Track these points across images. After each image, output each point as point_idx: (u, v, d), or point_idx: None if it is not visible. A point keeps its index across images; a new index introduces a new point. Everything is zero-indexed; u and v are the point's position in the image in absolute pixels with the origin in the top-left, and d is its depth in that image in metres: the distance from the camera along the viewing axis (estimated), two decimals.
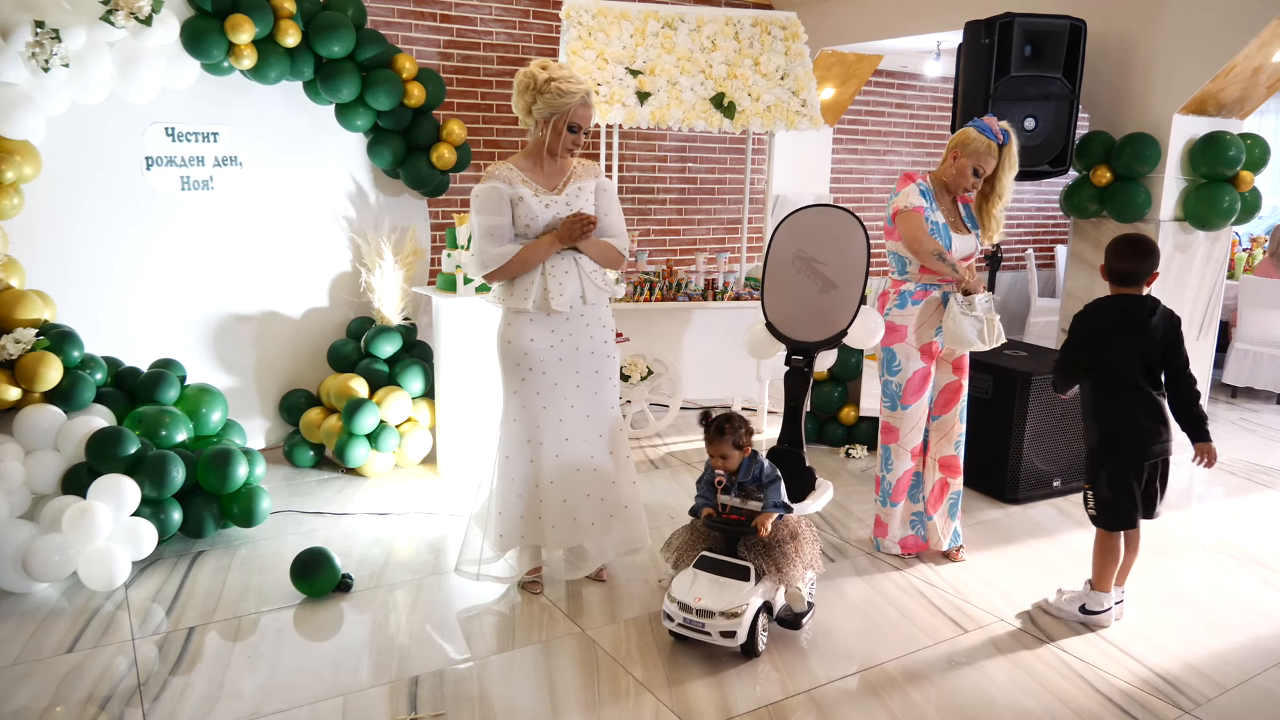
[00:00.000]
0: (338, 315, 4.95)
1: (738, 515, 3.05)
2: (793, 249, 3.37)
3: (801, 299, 3.38)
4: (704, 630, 2.87)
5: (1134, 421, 3.06)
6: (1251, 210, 4.83)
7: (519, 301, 3.17)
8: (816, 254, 3.35)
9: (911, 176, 3.48)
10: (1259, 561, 3.81)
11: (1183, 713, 2.71)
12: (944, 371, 3.63)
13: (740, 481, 3.04)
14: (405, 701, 2.70)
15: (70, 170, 4.17)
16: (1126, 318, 3.03)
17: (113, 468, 3.44)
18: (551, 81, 3.05)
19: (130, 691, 2.72)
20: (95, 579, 3.28)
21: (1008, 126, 3.36)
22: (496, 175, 3.15)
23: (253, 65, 4.25)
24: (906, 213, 3.40)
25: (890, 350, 3.55)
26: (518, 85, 3.14)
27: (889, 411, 3.62)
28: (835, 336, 3.35)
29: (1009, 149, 3.36)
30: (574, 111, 3.09)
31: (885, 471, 3.68)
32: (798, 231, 3.40)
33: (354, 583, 3.43)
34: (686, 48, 5.12)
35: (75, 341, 3.70)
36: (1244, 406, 6.37)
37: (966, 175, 3.38)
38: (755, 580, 2.95)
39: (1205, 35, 4.51)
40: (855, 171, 7.79)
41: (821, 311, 3.36)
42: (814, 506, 3.20)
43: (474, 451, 4.48)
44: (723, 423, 3.02)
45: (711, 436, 3.03)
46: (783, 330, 3.41)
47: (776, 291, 3.43)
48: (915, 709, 2.72)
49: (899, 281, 3.55)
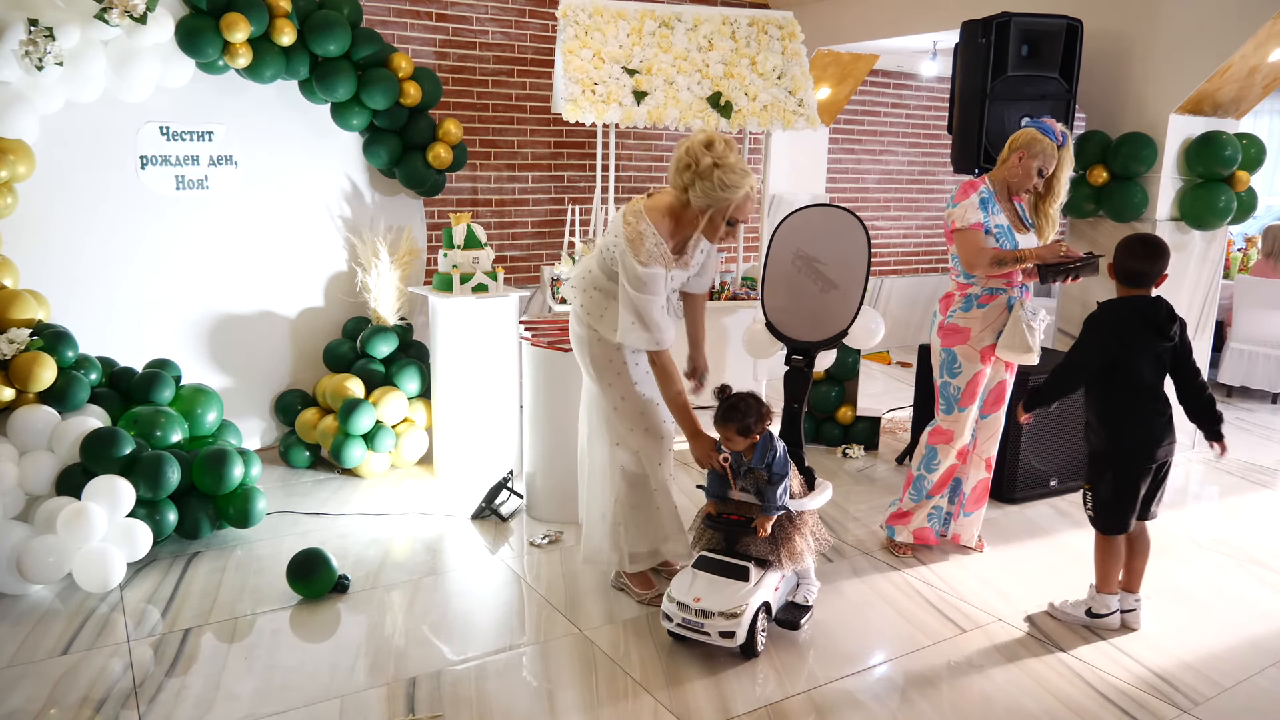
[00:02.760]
0: (334, 315, 4.93)
1: (738, 516, 3.03)
2: (793, 248, 3.36)
3: (801, 299, 3.37)
4: (703, 630, 2.86)
5: (1147, 425, 3.04)
6: (1247, 210, 4.84)
7: (608, 332, 3.12)
8: (817, 254, 3.34)
9: (974, 185, 3.45)
10: (1256, 560, 3.81)
11: (1181, 712, 2.71)
12: (996, 370, 3.63)
13: (751, 466, 2.98)
14: (403, 703, 2.69)
15: (64, 169, 4.15)
16: (1145, 320, 2.99)
17: (107, 468, 3.42)
18: (716, 169, 2.84)
19: (126, 693, 2.71)
20: (90, 580, 3.26)
21: (1065, 129, 3.39)
22: (654, 256, 2.95)
23: (248, 64, 4.23)
24: (963, 232, 3.41)
25: (951, 352, 3.54)
26: (678, 161, 2.93)
27: (944, 414, 3.60)
28: (836, 336, 3.34)
29: (1067, 149, 3.40)
30: (737, 207, 2.92)
31: (927, 470, 3.67)
32: (798, 231, 3.38)
33: (350, 583, 3.41)
34: (683, 47, 5.12)
35: (69, 341, 3.68)
36: (1239, 406, 6.38)
37: (1032, 175, 3.39)
38: (754, 580, 2.93)
39: (1201, 35, 4.51)
40: (851, 171, 7.79)
41: (822, 311, 3.35)
42: (812, 503, 3.17)
43: (471, 452, 4.47)
44: (731, 407, 2.94)
45: (719, 416, 2.98)
46: (782, 330, 3.40)
47: (776, 291, 3.42)
48: (914, 709, 2.71)
49: (964, 285, 3.53)
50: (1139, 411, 3.05)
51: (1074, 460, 4.45)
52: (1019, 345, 3.43)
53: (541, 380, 3.97)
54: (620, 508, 3.24)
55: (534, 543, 3.83)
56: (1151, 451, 3.05)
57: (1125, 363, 3.02)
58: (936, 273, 8.50)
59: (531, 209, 6.23)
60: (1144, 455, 3.05)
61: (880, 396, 6.30)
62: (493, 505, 4.08)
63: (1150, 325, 2.99)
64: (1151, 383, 3.04)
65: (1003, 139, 4.59)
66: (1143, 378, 3.03)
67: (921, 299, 8.39)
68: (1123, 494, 3.09)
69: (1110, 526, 3.14)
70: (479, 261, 4.43)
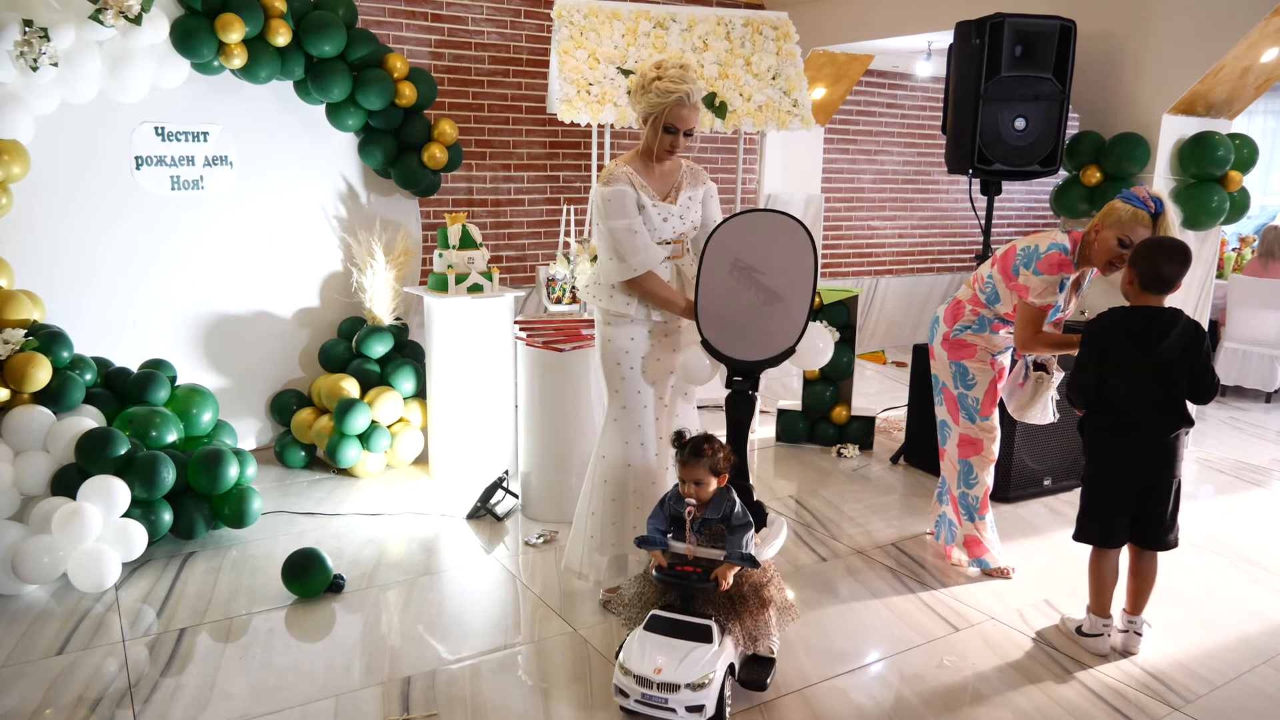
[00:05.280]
0: (329, 315, 4.93)
1: (692, 566, 2.66)
2: (730, 258, 2.91)
3: (741, 313, 2.94)
4: (667, 706, 2.50)
5: (1133, 454, 2.92)
6: (1240, 210, 4.86)
7: (621, 306, 3.09)
8: (757, 263, 2.91)
9: (1065, 265, 3.13)
10: (1248, 559, 3.83)
11: (1172, 710, 2.73)
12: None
13: (707, 518, 2.69)
14: (398, 702, 2.69)
15: (59, 170, 4.14)
16: (1132, 335, 2.84)
17: (103, 469, 3.42)
18: (657, 81, 2.90)
19: (121, 693, 2.71)
20: (85, 581, 3.26)
21: (1160, 195, 3.01)
22: (618, 177, 2.98)
23: (243, 64, 4.23)
24: (1032, 307, 3.19)
25: (961, 365, 3.49)
26: (632, 92, 3.03)
27: (968, 424, 3.53)
28: (781, 355, 2.96)
29: (1164, 219, 2.97)
30: (670, 111, 2.91)
31: (967, 486, 3.57)
32: (735, 238, 2.95)
33: (346, 583, 3.42)
34: (678, 48, 5.12)
35: (65, 342, 3.68)
36: (1232, 405, 6.40)
37: (1111, 248, 3.04)
38: (718, 641, 2.58)
39: (1194, 36, 4.53)
40: (846, 172, 7.80)
41: (764, 327, 2.95)
42: (770, 549, 2.82)
43: (466, 452, 4.48)
44: (700, 443, 2.70)
45: (686, 458, 2.69)
46: (721, 349, 2.95)
47: (712, 306, 2.94)
48: (907, 707, 2.72)
49: (984, 307, 3.43)
50: (1114, 423, 2.92)
51: (1068, 459, 4.47)
52: (1037, 416, 3.40)
53: (536, 380, 3.97)
54: (595, 521, 3.22)
55: (529, 542, 3.83)
56: (1123, 467, 2.93)
57: (1108, 380, 2.90)
58: (931, 273, 8.52)
59: (527, 209, 6.24)
60: (1115, 468, 2.94)
61: (875, 396, 6.32)
62: (488, 505, 4.08)
63: (1135, 341, 2.84)
64: (1138, 399, 2.88)
65: (996, 140, 4.66)
66: (1123, 394, 2.89)
67: (916, 299, 8.41)
68: (1095, 505, 3.00)
69: (1081, 531, 3.05)
70: (474, 262, 4.43)
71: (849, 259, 8.00)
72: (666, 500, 2.78)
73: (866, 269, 8.13)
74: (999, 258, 3.37)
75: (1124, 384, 2.88)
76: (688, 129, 2.96)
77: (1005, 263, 3.31)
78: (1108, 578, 3.05)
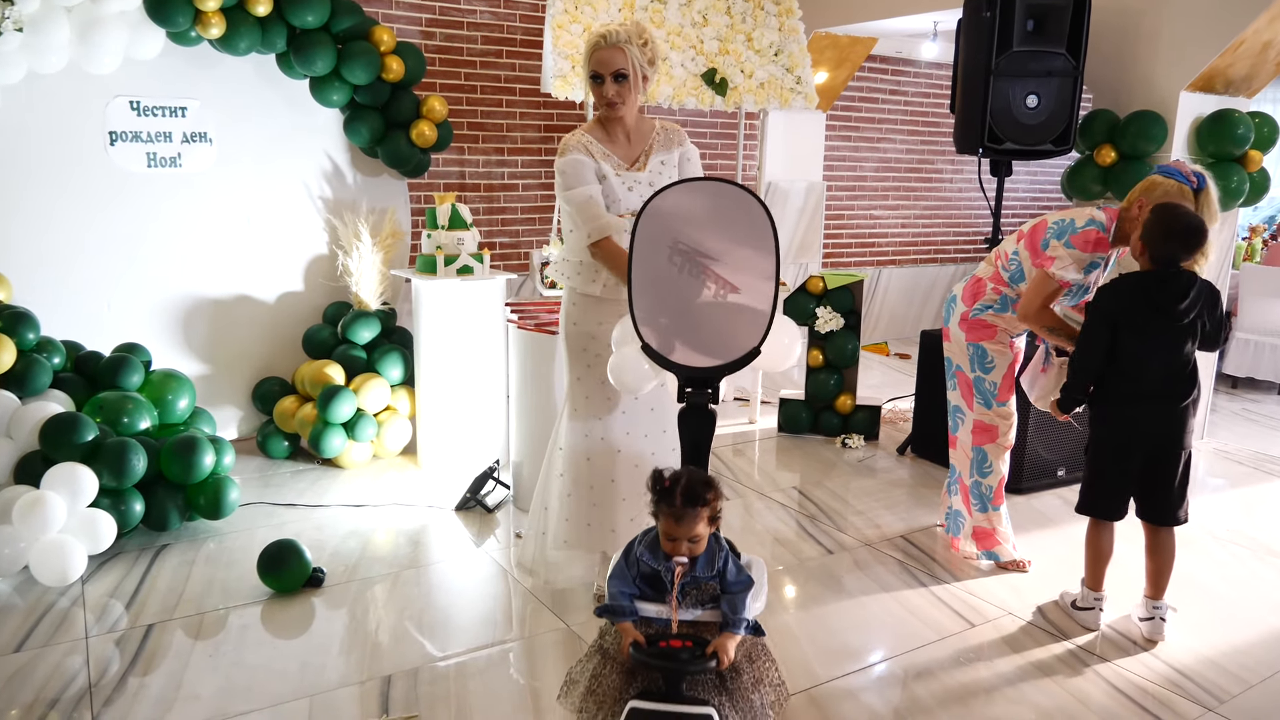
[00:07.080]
0: (313, 299, 4.74)
1: (679, 640, 2.02)
2: (668, 240, 2.36)
3: (687, 309, 2.39)
4: None
5: (1131, 409, 2.83)
6: (1260, 191, 4.68)
7: (586, 285, 2.89)
8: (701, 245, 2.36)
9: (1102, 243, 2.97)
10: (1273, 552, 3.66)
11: (1206, 710, 2.56)
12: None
13: (696, 575, 2.08)
14: (376, 703, 2.51)
15: (27, 144, 3.96)
16: (1149, 299, 2.75)
17: (68, 455, 3.24)
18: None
19: (81, 693, 2.53)
20: (48, 573, 3.08)
21: (1202, 169, 2.86)
22: (574, 146, 2.79)
23: (221, 35, 4.04)
24: (1048, 278, 3.01)
25: (980, 347, 3.31)
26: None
27: (983, 409, 3.36)
28: (744, 358, 2.37)
29: (1207, 194, 2.82)
30: (592, 59, 2.76)
31: (981, 475, 3.41)
32: (671, 216, 2.38)
33: (326, 577, 3.24)
34: (676, 22, 4.94)
35: (31, 323, 3.50)
36: (1245, 397, 6.24)
37: None
38: None
39: (1213, 9, 4.36)
40: (849, 159, 7.63)
41: (718, 325, 2.39)
42: (760, 606, 2.21)
43: (455, 441, 4.30)
44: (696, 486, 2.04)
45: (679, 509, 2.01)
46: (665, 353, 2.38)
47: (649, 300, 2.38)
48: (921, 707, 2.55)
49: (1007, 285, 3.24)
50: (1125, 392, 2.83)
51: (1082, 449, 4.28)
52: (1048, 395, 3.20)
53: (529, 366, 3.79)
54: (549, 516, 3.04)
55: (520, 535, 3.65)
56: (1130, 437, 2.84)
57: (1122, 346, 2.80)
58: (935, 263, 8.35)
59: (521, 194, 6.05)
60: (1121, 438, 2.85)
61: (880, 387, 6.15)
62: (478, 496, 3.91)
63: (1153, 304, 2.73)
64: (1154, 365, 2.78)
65: (1007, 117, 4.48)
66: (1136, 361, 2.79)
67: (920, 290, 8.24)
68: (1099, 475, 2.93)
69: (1083, 503, 2.98)
70: (464, 243, 4.25)
71: (851, 249, 7.83)
72: (633, 553, 2.12)
73: (869, 259, 7.96)
74: (1026, 233, 3.18)
75: (1140, 348, 2.77)
76: (613, 71, 2.74)
77: (1034, 237, 3.13)
78: (1104, 551, 2.99)
